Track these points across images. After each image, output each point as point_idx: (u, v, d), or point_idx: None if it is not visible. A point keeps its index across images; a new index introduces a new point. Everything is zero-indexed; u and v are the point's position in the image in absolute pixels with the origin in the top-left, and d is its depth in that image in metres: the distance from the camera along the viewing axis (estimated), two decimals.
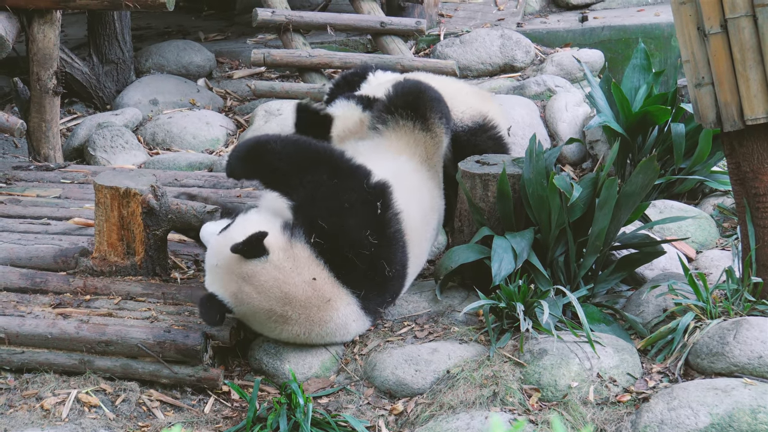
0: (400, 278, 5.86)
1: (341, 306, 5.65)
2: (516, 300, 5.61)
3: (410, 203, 5.87)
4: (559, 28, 11.21)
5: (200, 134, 9.18)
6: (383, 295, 5.79)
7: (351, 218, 5.60)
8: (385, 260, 5.69)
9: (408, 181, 5.97)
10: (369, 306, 5.74)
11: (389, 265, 5.71)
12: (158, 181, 6.15)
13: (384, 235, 5.68)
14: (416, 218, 5.92)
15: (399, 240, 5.77)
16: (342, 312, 5.66)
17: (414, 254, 5.91)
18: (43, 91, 8.23)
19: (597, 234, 5.84)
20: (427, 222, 6.08)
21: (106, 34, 10.13)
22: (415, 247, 5.91)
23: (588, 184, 5.92)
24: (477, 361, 5.50)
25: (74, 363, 5.65)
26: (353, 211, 5.62)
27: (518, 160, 6.16)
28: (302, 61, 9.73)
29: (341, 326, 5.70)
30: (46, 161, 8.30)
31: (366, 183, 5.71)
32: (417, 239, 5.92)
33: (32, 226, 6.96)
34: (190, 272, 6.36)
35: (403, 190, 5.84)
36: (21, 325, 5.70)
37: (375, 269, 5.66)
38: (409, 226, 5.83)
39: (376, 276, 5.68)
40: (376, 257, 5.64)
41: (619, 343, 5.54)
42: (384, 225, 5.69)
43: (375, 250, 5.62)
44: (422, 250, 6.06)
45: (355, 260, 5.59)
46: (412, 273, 5.99)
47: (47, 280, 6.17)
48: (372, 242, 5.61)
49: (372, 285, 5.69)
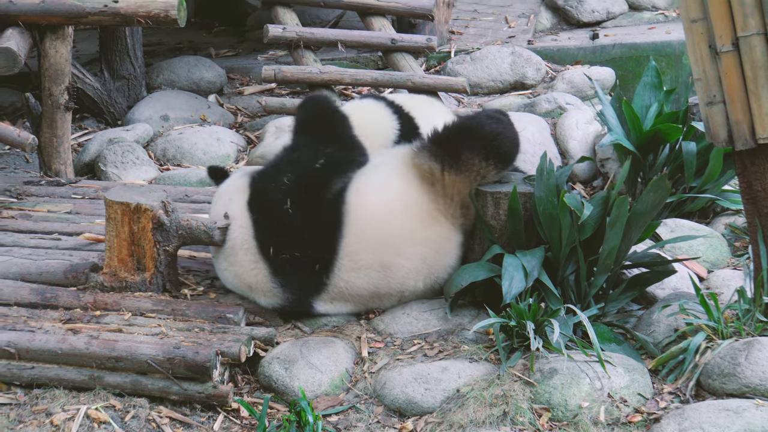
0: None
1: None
2: (526, 318, 5.59)
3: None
4: (569, 46, 11.21)
5: (211, 150, 9.19)
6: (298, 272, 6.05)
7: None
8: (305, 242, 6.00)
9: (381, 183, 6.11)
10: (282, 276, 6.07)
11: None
12: (169, 197, 6.15)
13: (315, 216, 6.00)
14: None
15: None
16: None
17: (352, 250, 6.02)
18: (54, 106, 8.24)
19: (608, 252, 5.82)
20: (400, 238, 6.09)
21: (117, 50, 10.16)
22: (358, 242, 6.00)
23: (599, 202, 5.90)
24: (487, 380, 5.48)
25: (84, 378, 5.64)
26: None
27: (529, 178, 6.15)
28: (313, 77, 9.73)
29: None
30: (57, 176, 8.31)
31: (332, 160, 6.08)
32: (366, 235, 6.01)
33: (43, 241, 6.97)
34: (200, 289, 6.36)
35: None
36: (31, 340, 5.69)
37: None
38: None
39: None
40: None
41: (630, 362, 5.52)
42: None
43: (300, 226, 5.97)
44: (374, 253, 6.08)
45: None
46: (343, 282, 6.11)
47: (57, 296, 6.16)
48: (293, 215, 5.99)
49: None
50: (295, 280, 6.04)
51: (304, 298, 6.10)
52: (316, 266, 6.01)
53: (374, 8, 10.35)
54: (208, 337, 5.73)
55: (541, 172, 5.91)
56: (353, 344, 5.97)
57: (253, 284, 6.11)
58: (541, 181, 5.89)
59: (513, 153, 6.10)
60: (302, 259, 6.00)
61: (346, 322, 6.19)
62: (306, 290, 6.08)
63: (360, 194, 6.01)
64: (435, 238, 6.06)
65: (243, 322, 6.05)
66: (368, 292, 6.11)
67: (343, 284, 6.05)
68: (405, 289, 6.13)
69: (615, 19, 12.11)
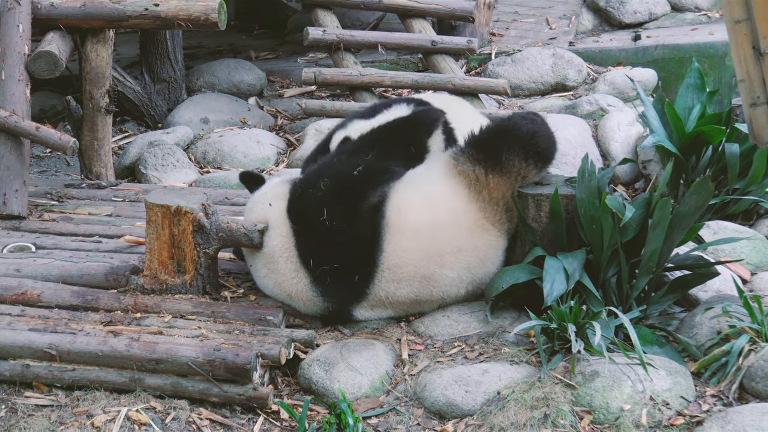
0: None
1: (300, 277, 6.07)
2: (567, 321, 5.57)
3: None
4: (611, 47, 11.17)
5: (251, 153, 9.22)
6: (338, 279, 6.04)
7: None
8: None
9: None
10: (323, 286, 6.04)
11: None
12: (209, 200, 6.16)
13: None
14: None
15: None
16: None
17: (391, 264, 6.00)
18: (95, 109, 8.28)
19: (650, 255, 5.79)
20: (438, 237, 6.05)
21: (158, 53, 10.21)
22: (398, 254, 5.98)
23: (641, 204, 5.88)
24: (528, 382, 5.46)
25: (125, 381, 5.66)
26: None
27: (571, 180, 6.13)
28: (353, 79, 9.75)
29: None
30: (98, 179, 8.35)
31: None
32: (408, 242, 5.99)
33: (84, 243, 7.01)
34: (240, 291, 6.36)
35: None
36: (72, 342, 5.72)
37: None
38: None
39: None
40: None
41: (672, 365, 5.48)
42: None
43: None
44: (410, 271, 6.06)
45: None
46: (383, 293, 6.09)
47: (98, 298, 6.19)
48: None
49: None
50: (335, 289, 6.03)
51: (344, 307, 6.10)
52: (356, 277, 6.00)
53: (414, 10, 10.36)
54: (248, 339, 5.74)
55: (582, 174, 5.89)
56: (393, 346, 5.97)
57: (293, 293, 6.11)
58: (582, 183, 5.87)
59: (551, 151, 6.11)
60: (342, 270, 6.00)
61: (387, 324, 6.18)
62: (346, 299, 6.07)
63: (401, 208, 5.98)
64: (482, 247, 6.05)
65: (283, 325, 6.05)
66: (409, 300, 6.10)
67: (384, 294, 6.04)
68: (447, 297, 6.13)
69: (657, 20, 12.06)
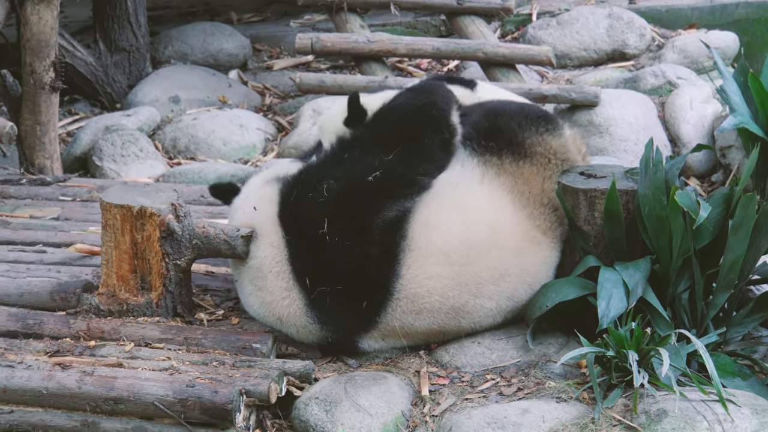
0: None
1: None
2: (628, 347, 5.59)
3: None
4: (682, 5, 11.18)
5: (232, 140, 9.26)
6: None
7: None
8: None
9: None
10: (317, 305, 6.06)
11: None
12: (180, 199, 6.19)
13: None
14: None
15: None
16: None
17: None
18: (38, 86, 8.32)
19: (731, 265, 5.80)
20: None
21: (115, 16, 10.25)
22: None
23: (719, 201, 5.89)
24: (579, 424, 5.49)
25: (75, 425, 5.69)
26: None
27: (632, 171, 6.14)
28: (359, 47, 9.76)
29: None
30: (42, 174, 8.39)
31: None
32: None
33: (24, 254, 7.04)
34: (219, 312, 6.39)
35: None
36: (10, 377, 5.75)
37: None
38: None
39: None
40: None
41: (759, 402, 5.50)
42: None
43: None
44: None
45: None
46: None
47: (42, 322, 6.22)
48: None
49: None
50: (336, 315, 6.03)
51: (347, 336, 6.11)
52: (363, 303, 6.01)
53: None
54: (230, 373, 5.77)
55: (646, 164, 5.90)
56: (411, 380, 5.99)
57: (283, 316, 6.12)
58: (646, 176, 5.88)
59: (545, 113, 6.44)
60: (345, 293, 6.01)
61: (402, 353, 6.20)
62: (350, 328, 6.08)
63: (430, 227, 5.99)
64: (531, 268, 6.07)
65: (273, 354, 6.08)
66: (431, 332, 6.12)
67: (398, 324, 6.06)
68: (479, 327, 6.16)
69: None
